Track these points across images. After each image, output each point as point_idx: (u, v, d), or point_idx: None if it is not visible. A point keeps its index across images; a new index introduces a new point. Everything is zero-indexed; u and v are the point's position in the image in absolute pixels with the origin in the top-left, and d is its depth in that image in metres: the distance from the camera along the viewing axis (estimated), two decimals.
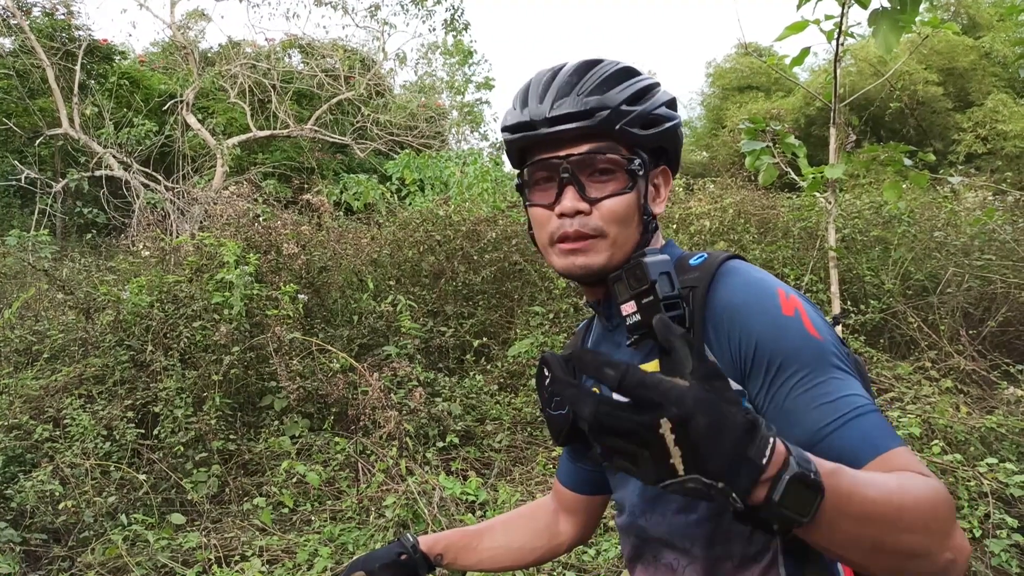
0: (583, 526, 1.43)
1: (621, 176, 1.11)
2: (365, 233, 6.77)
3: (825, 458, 0.93)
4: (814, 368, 0.95)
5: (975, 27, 17.07)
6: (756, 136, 4.22)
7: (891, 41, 3.12)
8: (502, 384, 5.36)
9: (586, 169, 1.10)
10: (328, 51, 13.66)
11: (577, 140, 1.10)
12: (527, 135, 1.12)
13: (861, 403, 0.93)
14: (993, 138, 14.57)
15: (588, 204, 1.09)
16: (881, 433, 0.91)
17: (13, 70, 10.92)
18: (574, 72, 1.12)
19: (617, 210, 1.10)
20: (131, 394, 4.64)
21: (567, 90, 1.10)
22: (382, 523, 3.77)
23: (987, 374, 4.78)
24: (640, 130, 1.11)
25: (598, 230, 1.10)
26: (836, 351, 0.98)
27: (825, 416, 0.93)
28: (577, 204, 1.09)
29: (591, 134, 1.09)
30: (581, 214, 1.09)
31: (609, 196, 1.10)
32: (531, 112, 1.11)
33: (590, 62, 1.14)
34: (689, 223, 6.45)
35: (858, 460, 0.90)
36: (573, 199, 1.09)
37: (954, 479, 3.58)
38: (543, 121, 1.10)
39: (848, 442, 0.91)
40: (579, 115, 1.08)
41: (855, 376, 0.97)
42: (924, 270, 5.98)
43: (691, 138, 21.11)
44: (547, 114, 1.09)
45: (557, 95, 1.10)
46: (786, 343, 0.97)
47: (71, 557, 3.72)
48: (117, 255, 7.33)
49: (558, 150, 1.11)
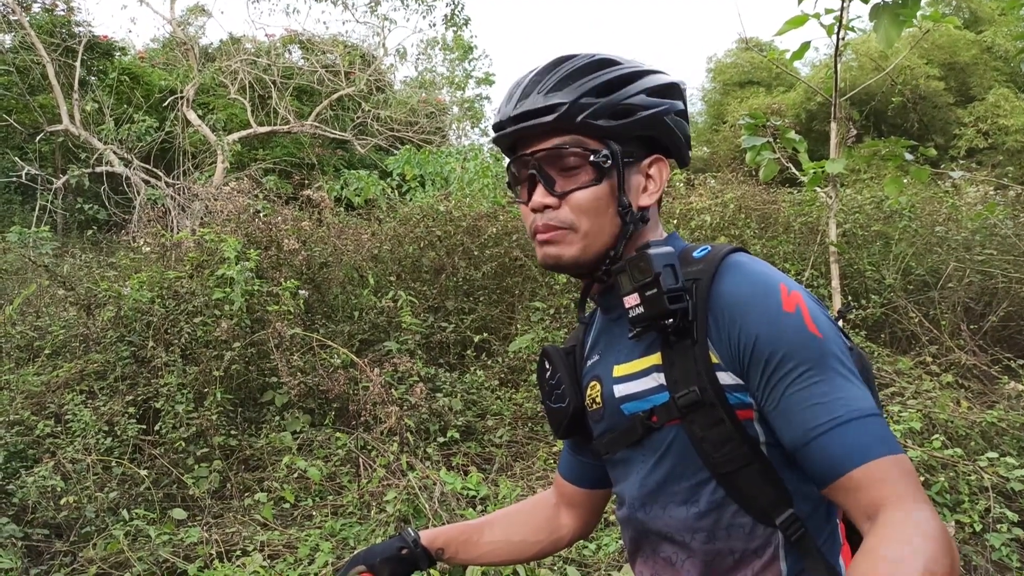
0: (584, 520, 1.42)
1: (588, 169, 1.10)
2: (366, 229, 6.76)
3: (812, 462, 0.93)
4: (811, 366, 0.95)
5: (977, 21, 17.02)
6: (757, 131, 4.21)
7: (892, 35, 3.12)
8: (503, 380, 5.36)
9: (554, 164, 1.11)
10: (328, 47, 13.64)
11: (544, 136, 1.11)
12: (498, 135, 1.15)
13: (855, 405, 0.92)
14: (994, 133, 14.53)
15: (556, 198, 1.11)
16: (870, 440, 0.90)
17: (13, 66, 10.90)
18: (542, 70, 1.13)
19: (584, 203, 1.10)
20: (132, 390, 4.64)
21: (531, 88, 1.12)
22: (383, 518, 3.78)
23: (988, 369, 4.78)
24: (609, 121, 1.09)
25: (567, 223, 1.11)
26: (837, 348, 0.97)
27: (816, 417, 0.93)
28: (544, 199, 1.11)
29: (556, 129, 1.10)
30: (549, 208, 1.11)
31: (577, 189, 1.10)
32: (501, 112, 1.14)
33: (561, 58, 1.15)
34: (690, 218, 6.45)
35: (842, 468, 0.90)
36: (540, 194, 1.11)
37: (955, 473, 3.58)
38: (508, 120, 1.12)
39: (833, 449, 0.91)
40: (537, 112, 1.09)
41: (854, 375, 0.96)
42: (925, 265, 5.98)
43: (692, 133, 20.98)
44: (511, 113, 1.11)
45: (521, 95, 1.12)
46: (785, 339, 0.96)
47: (73, 552, 3.73)
48: (118, 251, 7.32)
49: (528, 147, 1.13)
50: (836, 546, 1.07)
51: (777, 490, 1.02)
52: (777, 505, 1.01)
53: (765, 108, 14.80)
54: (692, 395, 1.01)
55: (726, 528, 1.04)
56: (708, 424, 1.01)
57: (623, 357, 1.14)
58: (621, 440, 1.13)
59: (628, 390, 1.11)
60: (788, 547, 1.02)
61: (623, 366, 1.13)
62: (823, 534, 1.05)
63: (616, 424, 1.14)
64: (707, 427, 1.02)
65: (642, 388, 1.09)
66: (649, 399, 1.08)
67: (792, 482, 1.02)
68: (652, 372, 1.08)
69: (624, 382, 1.12)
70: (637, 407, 1.10)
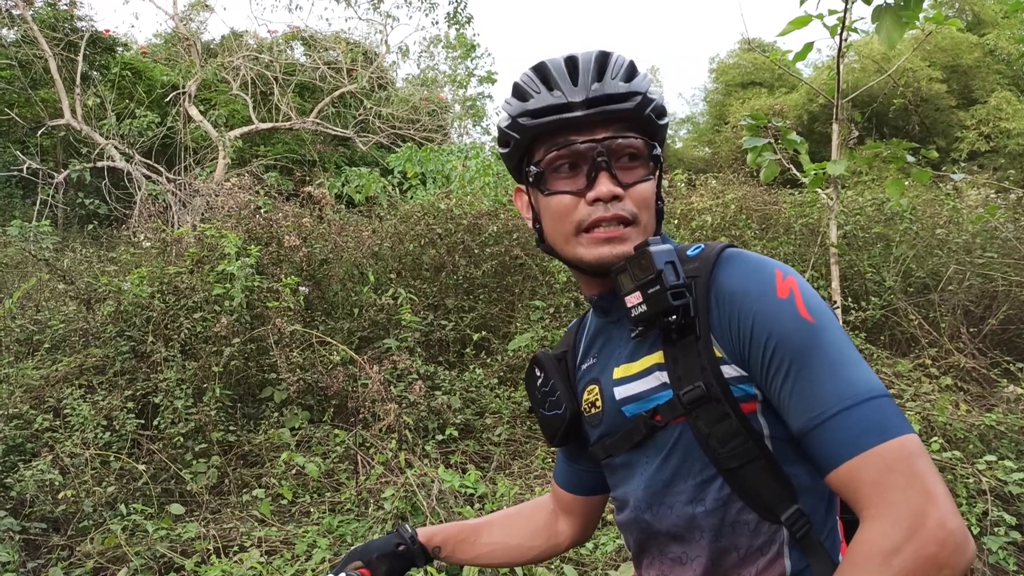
0: (582, 526, 1.42)
1: (645, 162, 1.11)
2: (366, 226, 6.76)
3: (813, 450, 0.95)
4: (803, 354, 0.95)
5: (979, 24, 17.01)
6: (758, 132, 4.21)
7: (894, 37, 3.12)
8: (502, 378, 5.36)
9: (616, 154, 1.10)
10: (331, 43, 13.63)
11: (607, 124, 1.09)
12: (561, 117, 1.09)
13: (844, 396, 0.92)
14: (996, 136, 14.52)
15: (623, 189, 1.09)
16: (856, 433, 0.90)
17: (15, 60, 10.90)
18: (596, 60, 1.12)
19: (646, 196, 1.11)
20: (131, 385, 4.64)
21: (598, 75, 1.09)
22: (381, 515, 3.78)
23: (987, 372, 4.78)
24: (658, 119, 1.13)
25: (633, 215, 1.09)
26: (830, 333, 0.96)
27: (807, 411, 0.94)
28: (615, 189, 1.08)
29: (621, 119, 1.09)
30: (616, 199, 1.08)
31: (639, 182, 1.10)
32: (566, 94, 1.09)
33: (606, 52, 1.14)
34: (691, 218, 6.45)
35: (833, 462, 0.92)
36: (610, 183, 1.07)
37: (953, 476, 3.58)
38: (582, 103, 1.08)
39: (824, 446, 0.92)
40: (618, 97, 1.08)
41: (845, 355, 0.95)
42: (925, 267, 5.97)
43: (694, 133, 21.06)
44: (586, 95, 1.08)
45: (592, 78, 1.09)
46: (779, 326, 0.97)
47: (70, 546, 3.73)
48: (118, 246, 7.32)
49: (591, 134, 1.09)
50: (836, 543, 1.07)
51: (782, 486, 1.02)
52: (782, 501, 1.02)
53: (767, 109, 14.78)
54: (697, 390, 1.01)
55: (731, 525, 1.04)
56: (713, 420, 1.01)
57: (623, 359, 1.13)
58: (623, 443, 1.13)
59: (629, 392, 1.10)
60: (792, 543, 1.02)
61: (623, 368, 1.13)
62: (825, 531, 1.05)
63: (617, 427, 1.13)
64: (712, 423, 1.01)
65: (644, 388, 1.08)
66: (652, 399, 1.07)
67: (797, 477, 1.02)
68: (654, 371, 1.07)
69: (625, 384, 1.11)
70: (639, 408, 1.09)
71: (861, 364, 0.95)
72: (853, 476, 0.90)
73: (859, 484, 0.89)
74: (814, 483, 1.02)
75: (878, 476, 0.88)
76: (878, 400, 0.92)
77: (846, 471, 0.90)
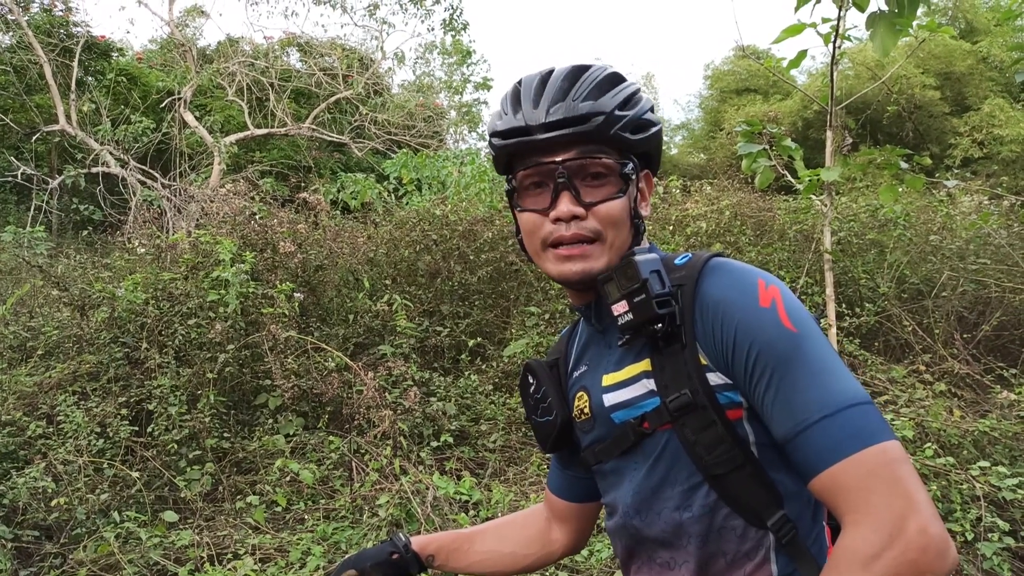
0: (576, 534, 1.42)
1: (615, 180, 1.12)
2: (361, 232, 6.76)
3: (796, 457, 0.96)
4: (785, 363, 0.96)
5: (972, 31, 17.09)
6: (753, 139, 4.22)
7: (888, 44, 3.13)
8: (497, 384, 5.36)
9: (580, 174, 1.11)
10: (326, 50, 13.65)
11: (570, 145, 1.10)
12: (522, 140, 1.12)
13: (826, 403, 0.93)
14: (989, 142, 14.58)
15: (583, 208, 1.10)
16: (832, 441, 0.91)
17: (10, 66, 10.89)
18: (566, 77, 1.13)
19: (613, 214, 1.11)
20: (125, 391, 4.63)
21: (561, 96, 1.11)
22: (375, 522, 3.77)
23: (981, 378, 4.79)
24: (631, 135, 1.13)
25: (595, 232, 1.11)
26: (811, 341, 0.97)
27: (789, 419, 0.95)
28: (573, 208, 1.10)
29: (585, 139, 1.10)
30: (577, 219, 1.10)
31: (604, 200, 1.11)
32: (526, 117, 1.11)
33: (581, 67, 1.15)
34: (685, 225, 6.46)
35: (816, 468, 0.93)
36: (569, 203, 1.10)
37: (947, 482, 3.59)
38: (539, 127, 1.10)
39: (806, 453, 0.94)
40: (575, 120, 1.09)
41: (827, 363, 0.96)
42: (919, 274, 5.99)
43: (688, 140, 21.12)
44: (543, 119, 1.09)
45: (552, 100, 1.10)
46: (761, 335, 0.98)
47: (63, 554, 3.71)
48: (113, 252, 7.31)
49: (553, 155, 1.11)
50: (823, 548, 1.08)
51: (768, 492, 1.03)
52: (768, 507, 1.03)
53: (762, 116, 14.82)
54: (683, 398, 1.03)
55: (718, 531, 1.05)
56: (699, 427, 1.03)
57: (612, 366, 1.15)
58: (612, 449, 1.14)
59: (618, 398, 1.12)
60: (779, 549, 1.03)
61: (612, 375, 1.14)
62: (811, 536, 1.06)
63: (606, 433, 1.15)
64: (698, 430, 1.03)
65: (632, 395, 1.10)
66: (639, 406, 1.09)
67: (782, 483, 1.04)
68: (642, 379, 1.09)
69: (613, 391, 1.13)
70: (627, 415, 1.10)
71: (843, 372, 0.96)
72: (835, 482, 0.91)
73: (841, 490, 0.90)
74: (799, 489, 1.03)
75: (859, 482, 0.89)
76: (860, 407, 0.93)
77: (828, 477, 0.91)
